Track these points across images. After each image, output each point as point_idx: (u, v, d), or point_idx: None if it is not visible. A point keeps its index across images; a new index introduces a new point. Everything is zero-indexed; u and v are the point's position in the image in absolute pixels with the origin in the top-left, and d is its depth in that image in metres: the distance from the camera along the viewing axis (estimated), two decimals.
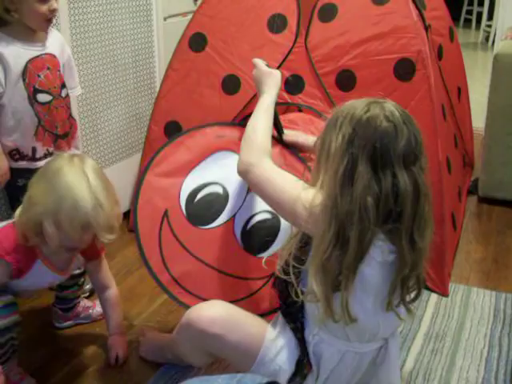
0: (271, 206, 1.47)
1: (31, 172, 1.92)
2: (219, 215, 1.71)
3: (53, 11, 1.84)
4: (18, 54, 1.84)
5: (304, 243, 1.39)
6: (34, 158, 1.94)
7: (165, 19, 2.77)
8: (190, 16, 2.53)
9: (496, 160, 2.87)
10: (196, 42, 2.45)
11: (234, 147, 1.74)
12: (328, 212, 1.26)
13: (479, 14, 7.78)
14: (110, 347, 1.83)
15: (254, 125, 1.60)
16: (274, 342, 1.47)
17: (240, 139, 1.63)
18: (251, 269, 1.68)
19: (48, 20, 1.86)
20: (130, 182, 2.65)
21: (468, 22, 8.17)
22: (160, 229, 1.73)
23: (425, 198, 1.29)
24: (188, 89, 2.46)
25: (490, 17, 7.05)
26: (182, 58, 2.48)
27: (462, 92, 3.00)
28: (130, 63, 2.58)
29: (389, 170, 1.23)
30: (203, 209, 1.72)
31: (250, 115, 2.23)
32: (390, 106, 1.29)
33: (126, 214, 2.60)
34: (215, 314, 1.50)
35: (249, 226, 1.70)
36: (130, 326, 1.99)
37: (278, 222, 1.68)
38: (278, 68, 2.26)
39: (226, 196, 1.73)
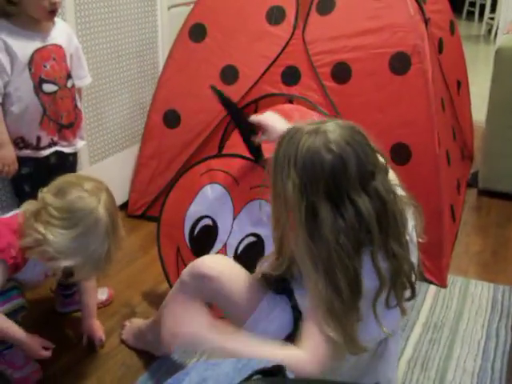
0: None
1: (35, 160, 1.95)
2: (213, 245, 1.88)
3: (54, 4, 1.84)
4: (24, 44, 1.84)
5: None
6: (38, 147, 1.95)
7: (169, 8, 2.77)
8: (193, 5, 2.54)
9: (496, 153, 2.88)
10: (196, 32, 2.47)
11: (220, 180, 1.87)
12: (309, 265, 1.25)
13: (482, 7, 7.76)
14: (90, 330, 1.85)
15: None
16: (272, 301, 1.49)
17: (223, 170, 1.86)
18: None
19: (51, 12, 1.86)
20: (132, 171, 2.68)
21: (471, 14, 8.16)
22: (177, 261, 1.95)
23: (392, 203, 1.26)
24: (187, 78, 2.48)
25: (493, 9, 7.04)
26: (182, 48, 2.50)
27: (461, 85, 3.01)
28: (134, 52, 2.59)
29: (347, 200, 1.22)
30: (201, 242, 1.90)
31: (247, 105, 2.27)
32: (330, 130, 1.24)
33: (126, 204, 2.65)
34: (217, 260, 1.58)
35: (239, 251, 1.85)
36: (132, 314, 2.01)
37: (263, 242, 1.81)
38: (276, 59, 2.30)
39: (215, 227, 1.88)
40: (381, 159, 1.30)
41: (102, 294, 2.04)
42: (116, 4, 2.42)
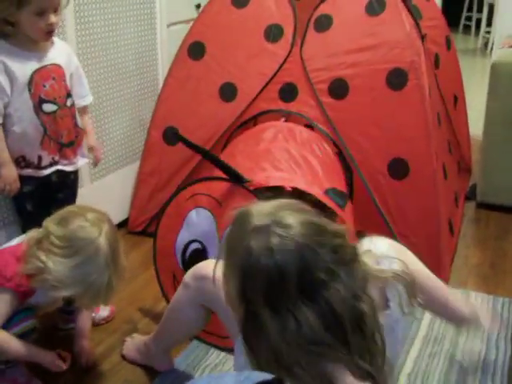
0: None
1: (37, 179, 1.96)
2: None
3: (51, 25, 1.84)
4: (23, 64, 1.85)
5: None
6: (39, 167, 1.96)
7: (168, 26, 2.80)
8: (192, 23, 2.58)
9: (493, 166, 2.90)
10: (195, 50, 2.50)
11: (204, 203, 1.90)
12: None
13: (478, 21, 7.82)
14: (82, 351, 1.86)
15: None
16: None
17: (206, 194, 1.88)
18: None
19: (48, 32, 1.86)
20: (133, 187, 2.70)
21: (467, 28, 8.22)
22: (174, 288, 1.91)
23: (353, 311, 1.10)
24: (186, 96, 2.51)
25: (489, 23, 7.09)
26: (182, 66, 2.53)
27: (458, 100, 3.04)
28: (133, 70, 2.62)
29: (287, 312, 1.08)
30: (192, 266, 1.89)
31: (245, 123, 2.29)
32: (279, 226, 1.11)
33: (127, 221, 2.67)
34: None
35: None
36: (134, 330, 2.01)
37: None
38: (274, 76, 2.33)
39: (204, 250, 1.91)
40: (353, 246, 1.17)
41: (104, 311, 2.05)
42: (116, 23, 2.45)
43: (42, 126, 1.91)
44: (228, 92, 2.41)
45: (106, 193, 2.52)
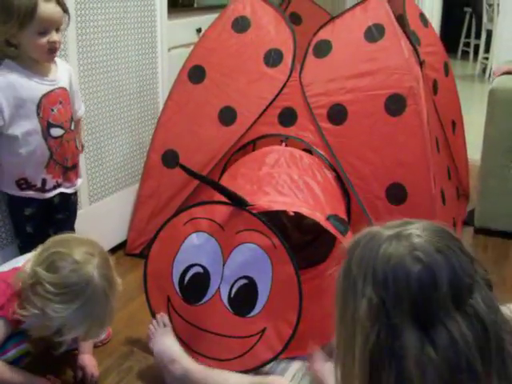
0: None
1: (39, 202, 1.96)
2: (207, 290, 1.91)
3: (53, 43, 1.83)
4: (32, 87, 1.85)
5: None
6: (43, 190, 1.96)
7: (169, 50, 2.83)
8: (193, 47, 2.60)
9: (491, 191, 2.90)
10: (195, 74, 2.51)
11: (204, 228, 1.91)
12: None
13: (476, 47, 7.89)
14: (84, 365, 1.85)
15: None
16: None
17: (207, 218, 1.89)
18: (243, 328, 1.89)
19: (50, 51, 1.85)
20: (131, 209, 2.70)
21: (465, 54, 8.28)
22: (168, 312, 1.97)
23: (496, 326, 0.96)
24: (186, 119, 2.51)
25: (487, 49, 7.15)
26: (182, 89, 2.54)
27: (456, 125, 3.05)
28: (134, 93, 2.64)
29: (439, 324, 0.93)
30: (192, 289, 1.93)
31: (244, 146, 2.30)
32: (415, 234, 0.99)
33: (125, 242, 2.67)
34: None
35: (232, 294, 1.89)
36: (130, 353, 2.01)
37: (255, 283, 1.87)
38: (273, 101, 2.35)
39: (207, 273, 1.91)
40: (480, 270, 1.02)
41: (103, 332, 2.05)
42: (117, 46, 2.47)
43: (48, 150, 1.92)
44: (227, 116, 2.42)
45: (104, 215, 2.52)
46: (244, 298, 1.88)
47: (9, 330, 1.61)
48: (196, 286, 1.92)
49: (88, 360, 1.87)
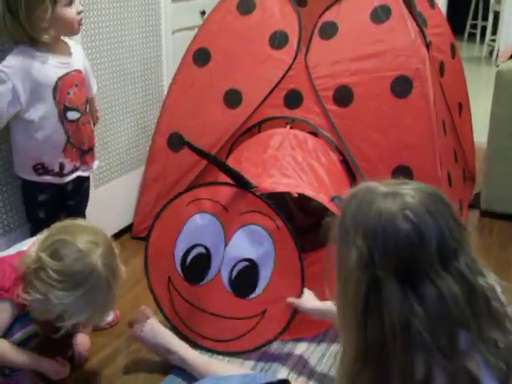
0: None
1: (54, 187, 1.96)
2: (208, 272, 1.92)
3: (80, 13, 1.86)
4: (48, 71, 1.84)
5: None
6: (61, 174, 1.96)
7: (173, 33, 2.81)
8: (197, 30, 2.59)
9: (497, 174, 2.90)
10: (200, 56, 2.50)
11: (208, 209, 1.91)
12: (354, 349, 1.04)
13: (483, 29, 7.82)
14: (76, 343, 1.87)
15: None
16: None
17: (211, 199, 1.89)
18: (244, 310, 1.90)
19: (79, 21, 1.87)
20: (137, 193, 2.71)
21: (472, 36, 8.21)
22: (169, 292, 1.99)
23: (481, 287, 1.03)
24: (191, 102, 2.51)
25: (494, 31, 7.10)
26: (186, 72, 2.53)
27: (463, 108, 3.04)
28: (139, 77, 2.63)
29: (427, 280, 0.99)
30: (194, 270, 1.94)
31: (249, 129, 2.29)
32: (409, 194, 1.04)
33: (131, 226, 2.68)
34: None
35: (233, 276, 1.90)
36: None
37: (256, 265, 1.88)
38: (279, 83, 2.33)
39: (208, 254, 1.92)
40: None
41: (109, 316, 2.06)
42: (121, 29, 2.46)
43: (65, 133, 1.91)
44: (233, 98, 2.42)
45: (110, 198, 2.53)
46: (245, 279, 1.89)
47: (15, 312, 1.62)
48: (198, 266, 1.93)
49: (80, 339, 1.88)
